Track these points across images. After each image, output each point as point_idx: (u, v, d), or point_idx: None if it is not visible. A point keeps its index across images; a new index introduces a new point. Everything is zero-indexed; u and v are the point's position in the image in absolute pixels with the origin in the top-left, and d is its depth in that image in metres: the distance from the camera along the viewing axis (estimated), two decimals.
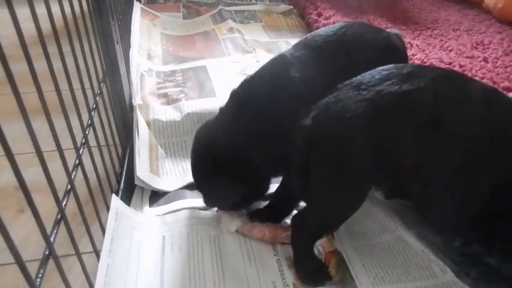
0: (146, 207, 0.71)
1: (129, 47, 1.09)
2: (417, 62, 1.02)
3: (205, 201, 0.65)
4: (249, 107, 0.61)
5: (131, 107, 0.85)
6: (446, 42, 1.27)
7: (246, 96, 0.63)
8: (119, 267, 0.55)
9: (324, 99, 0.55)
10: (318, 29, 1.29)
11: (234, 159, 0.59)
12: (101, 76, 0.70)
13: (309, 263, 0.58)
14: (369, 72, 0.55)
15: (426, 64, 1.04)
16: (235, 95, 0.64)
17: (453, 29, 1.40)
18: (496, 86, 0.99)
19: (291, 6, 1.56)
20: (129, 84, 0.90)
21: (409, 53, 1.07)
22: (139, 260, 0.59)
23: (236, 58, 1.15)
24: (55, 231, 0.43)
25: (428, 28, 1.40)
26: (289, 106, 0.58)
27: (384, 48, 0.69)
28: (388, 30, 0.78)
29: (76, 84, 0.55)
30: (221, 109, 0.66)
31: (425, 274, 0.59)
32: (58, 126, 0.45)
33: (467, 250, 0.57)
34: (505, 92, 0.96)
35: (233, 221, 0.64)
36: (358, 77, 0.55)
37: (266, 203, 0.68)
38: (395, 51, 0.71)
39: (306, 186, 0.54)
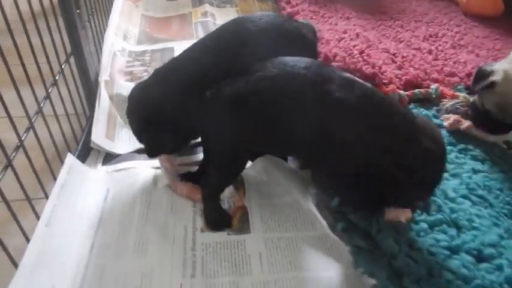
0: (99, 165, 0.87)
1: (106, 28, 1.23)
2: (356, 52, 1.13)
3: (146, 152, 0.79)
4: (171, 75, 0.75)
5: (97, 82, 1.00)
6: (401, 33, 1.37)
7: (170, 67, 0.78)
8: (64, 208, 0.71)
9: (231, 78, 0.69)
10: (284, 15, 1.41)
11: (161, 113, 0.73)
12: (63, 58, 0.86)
13: (214, 213, 0.73)
14: (273, 59, 0.68)
15: (367, 54, 1.15)
16: (165, 64, 0.79)
17: (415, 20, 1.48)
18: (426, 77, 1.10)
19: None
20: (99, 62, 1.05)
21: (351, 44, 1.17)
22: (83, 205, 0.75)
23: None
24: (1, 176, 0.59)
25: (392, 19, 1.49)
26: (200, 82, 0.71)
27: (292, 37, 0.82)
28: (301, 20, 0.91)
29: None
30: (154, 72, 0.80)
31: (309, 227, 0.74)
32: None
33: (340, 208, 0.71)
34: (431, 82, 1.07)
35: (165, 177, 0.80)
36: (258, 64, 0.68)
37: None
38: (302, 39, 0.83)
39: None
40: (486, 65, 1.06)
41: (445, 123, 0.94)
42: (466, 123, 0.91)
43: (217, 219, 0.73)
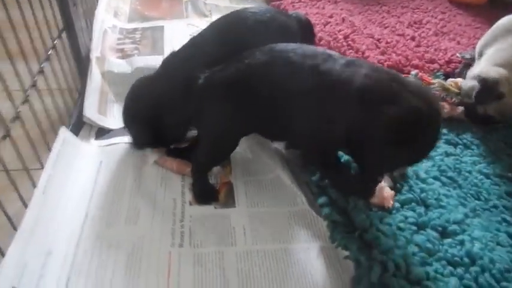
0: (92, 140, 0.90)
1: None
2: (340, 37, 1.16)
3: (132, 141, 0.84)
4: (167, 71, 0.78)
5: (88, 59, 1.02)
6: (387, 19, 1.40)
7: (168, 62, 0.81)
8: (59, 178, 0.74)
9: (221, 65, 0.72)
10: None
11: (151, 109, 0.77)
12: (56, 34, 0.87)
13: (202, 188, 0.78)
14: (256, 48, 0.72)
15: (351, 38, 1.18)
16: (164, 60, 0.82)
17: (401, 6, 1.52)
18: (407, 63, 1.15)
19: None
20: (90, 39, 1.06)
21: (336, 28, 1.21)
22: (77, 176, 0.79)
23: (192, 21, 1.30)
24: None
25: (379, 4, 1.52)
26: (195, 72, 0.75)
27: (286, 31, 0.86)
28: (294, 12, 0.95)
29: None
30: (158, 69, 0.83)
31: (290, 203, 0.79)
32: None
33: (320, 183, 0.77)
34: (412, 68, 1.12)
35: (153, 154, 0.84)
36: (244, 53, 0.71)
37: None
38: (290, 35, 0.87)
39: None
40: (466, 59, 1.12)
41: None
42: (459, 110, 0.96)
43: (205, 194, 0.78)
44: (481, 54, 0.97)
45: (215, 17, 1.33)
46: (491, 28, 0.98)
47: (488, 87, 0.88)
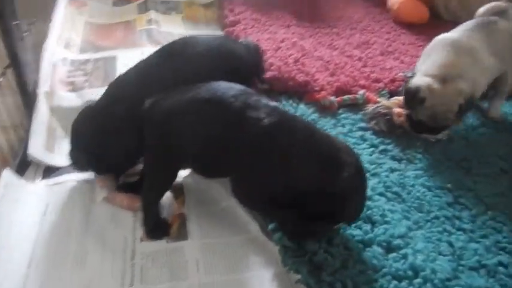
0: (38, 179, 0.88)
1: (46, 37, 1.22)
2: (291, 61, 1.20)
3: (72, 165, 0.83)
4: (108, 99, 0.79)
5: (35, 94, 1.01)
6: (337, 41, 1.46)
7: (112, 88, 0.82)
8: (2, 224, 0.72)
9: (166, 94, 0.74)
10: (227, 24, 1.46)
11: (94, 136, 0.77)
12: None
13: (153, 222, 0.78)
14: (208, 83, 0.74)
15: (301, 62, 1.23)
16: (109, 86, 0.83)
17: (350, 28, 1.59)
18: (355, 83, 1.20)
19: None
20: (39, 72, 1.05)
21: (287, 53, 1.25)
22: (22, 220, 0.77)
23: (146, 50, 1.30)
24: None
25: (329, 26, 1.58)
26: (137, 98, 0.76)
27: (232, 59, 0.89)
28: (244, 40, 0.98)
29: None
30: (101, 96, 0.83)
31: (243, 231, 0.80)
32: None
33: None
34: (359, 88, 1.17)
35: (102, 191, 0.83)
36: (188, 87, 0.73)
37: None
38: (239, 62, 0.90)
39: None
40: (408, 77, 1.19)
41: (375, 127, 1.03)
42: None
43: (156, 228, 0.78)
44: (417, 72, 1.04)
45: None
46: (426, 48, 1.06)
47: (410, 93, 0.96)
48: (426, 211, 0.82)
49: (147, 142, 0.74)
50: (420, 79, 0.97)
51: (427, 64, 1.00)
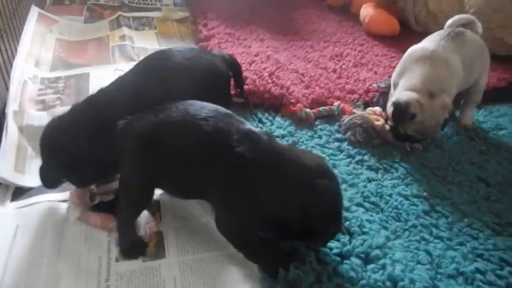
0: (8, 202, 0.84)
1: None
2: (266, 74, 1.21)
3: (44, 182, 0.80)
4: (83, 115, 0.77)
5: (3, 114, 0.97)
6: (311, 53, 1.49)
7: (86, 105, 0.80)
8: None
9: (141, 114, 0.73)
10: (201, 38, 1.46)
11: (62, 150, 0.75)
12: None
13: (128, 241, 0.75)
14: (180, 103, 0.73)
15: (276, 75, 1.23)
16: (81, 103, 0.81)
17: (324, 41, 1.62)
18: (330, 95, 1.21)
19: (188, 14, 1.71)
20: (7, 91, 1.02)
21: (261, 66, 1.25)
22: None
23: (119, 66, 1.29)
24: None
25: (303, 39, 1.61)
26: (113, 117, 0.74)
27: (208, 72, 0.89)
28: (217, 52, 0.98)
29: None
30: (71, 109, 0.81)
31: (221, 247, 0.78)
32: None
33: None
34: (334, 100, 1.18)
35: (75, 211, 0.80)
36: (161, 106, 0.73)
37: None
38: (216, 73, 0.90)
39: None
40: (381, 88, 1.21)
41: (351, 138, 1.05)
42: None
43: (132, 247, 0.75)
44: (396, 85, 1.05)
45: None
46: (401, 60, 1.07)
47: (400, 109, 0.96)
48: (404, 220, 0.83)
49: (122, 162, 0.73)
50: (407, 94, 0.97)
51: (407, 78, 1.00)
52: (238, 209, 0.69)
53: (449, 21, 1.16)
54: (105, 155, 0.74)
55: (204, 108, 0.71)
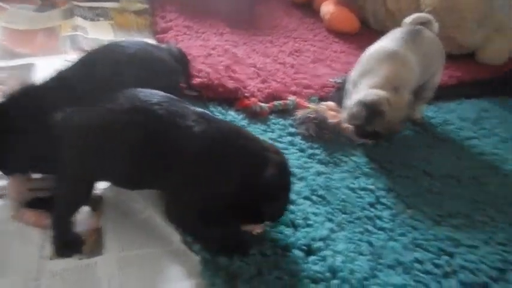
0: None
1: None
2: (221, 68, 1.19)
3: None
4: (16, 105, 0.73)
5: None
6: (270, 48, 1.48)
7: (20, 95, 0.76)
8: None
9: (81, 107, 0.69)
10: (158, 31, 1.43)
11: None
12: None
13: (62, 238, 0.72)
14: (127, 91, 0.70)
15: (232, 69, 1.22)
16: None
17: (285, 36, 1.62)
18: (286, 89, 1.21)
19: (147, 6, 1.67)
20: None
21: (218, 60, 1.24)
22: None
23: (70, 57, 1.23)
24: None
25: (264, 34, 1.60)
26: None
27: (158, 65, 0.86)
28: (167, 46, 0.96)
29: None
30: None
31: (164, 242, 0.76)
32: None
33: None
34: (290, 94, 1.18)
35: (9, 208, 0.76)
36: (105, 96, 0.70)
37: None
38: (162, 67, 0.88)
39: None
40: (337, 83, 1.22)
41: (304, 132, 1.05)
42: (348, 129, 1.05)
43: (68, 245, 0.72)
44: (356, 84, 1.05)
45: None
46: (363, 59, 1.08)
47: (372, 109, 0.97)
48: (349, 212, 0.84)
49: (60, 156, 0.69)
50: (374, 92, 0.98)
51: (370, 77, 1.01)
52: (195, 188, 0.68)
53: (408, 19, 1.18)
54: (38, 147, 0.70)
55: (154, 94, 0.70)
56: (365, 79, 1.02)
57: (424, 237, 0.79)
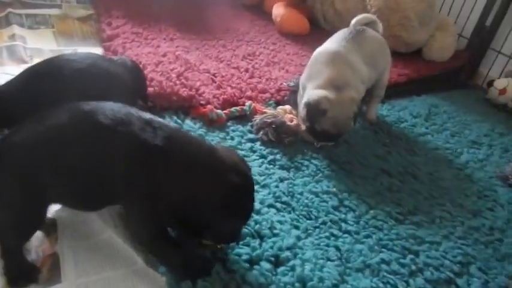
0: None
1: None
2: (173, 75, 1.15)
3: None
4: None
5: None
6: (223, 53, 1.45)
7: None
8: None
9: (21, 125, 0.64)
10: (104, 38, 1.36)
11: None
12: None
13: (15, 269, 0.66)
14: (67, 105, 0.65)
15: (185, 76, 1.19)
16: None
17: (237, 40, 1.60)
18: (242, 94, 1.19)
19: (91, 12, 1.58)
20: None
21: (169, 67, 1.19)
22: None
23: (8, 69, 1.14)
24: None
25: (216, 38, 1.57)
26: None
27: (107, 78, 0.82)
28: (119, 58, 0.92)
29: None
30: None
31: (127, 263, 0.71)
32: None
33: None
34: (246, 100, 1.16)
35: None
36: (43, 113, 0.64)
37: None
38: (114, 82, 0.83)
39: None
40: (291, 87, 1.22)
41: (263, 137, 1.04)
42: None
43: (21, 275, 0.66)
44: (304, 88, 1.06)
45: (37, 62, 1.20)
46: (309, 63, 1.09)
47: (312, 108, 0.98)
48: (314, 217, 0.83)
49: (2, 181, 0.63)
50: (315, 93, 1.00)
51: (314, 79, 1.03)
52: (145, 201, 0.64)
53: (354, 21, 1.21)
54: None
55: (98, 105, 0.65)
56: (311, 82, 1.05)
57: (388, 237, 0.80)
